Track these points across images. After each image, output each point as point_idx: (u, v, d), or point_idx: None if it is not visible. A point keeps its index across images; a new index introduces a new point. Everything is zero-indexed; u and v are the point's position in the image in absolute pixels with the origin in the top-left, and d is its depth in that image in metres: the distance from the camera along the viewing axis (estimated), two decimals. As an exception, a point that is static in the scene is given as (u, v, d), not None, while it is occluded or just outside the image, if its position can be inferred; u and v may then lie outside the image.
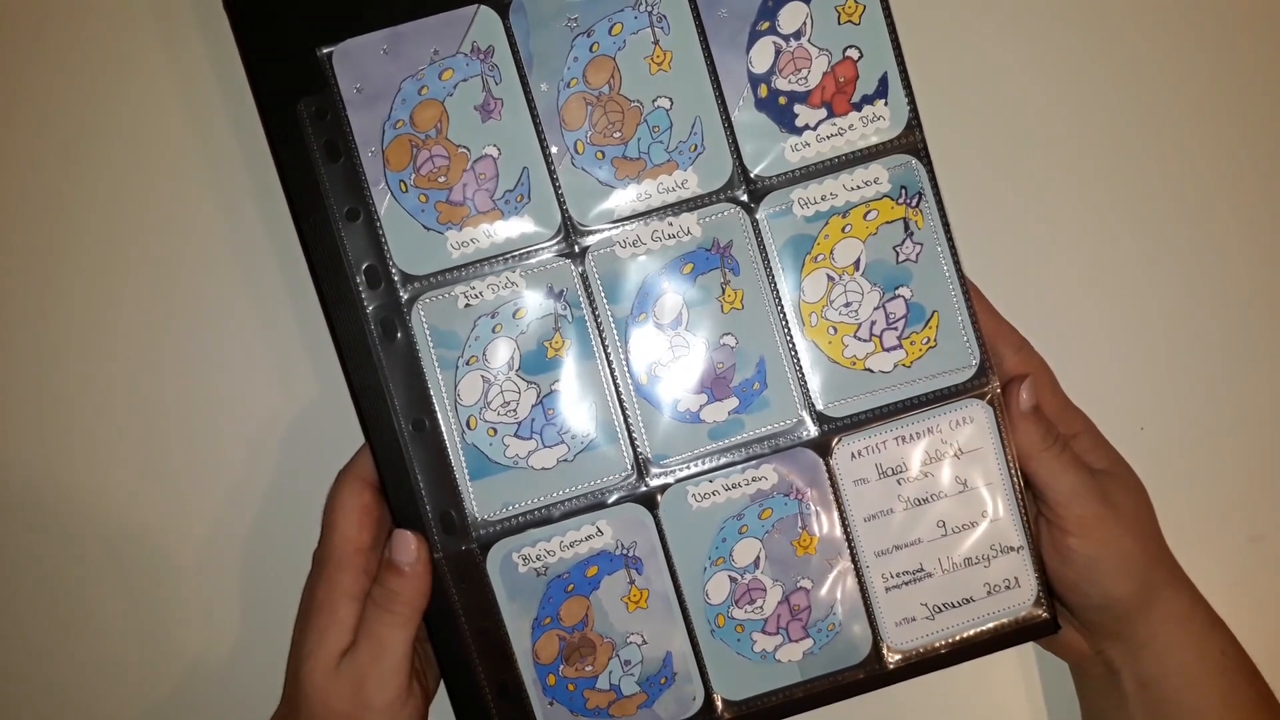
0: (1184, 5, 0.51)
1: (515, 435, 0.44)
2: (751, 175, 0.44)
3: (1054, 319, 0.51)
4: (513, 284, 0.44)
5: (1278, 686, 0.46)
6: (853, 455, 0.45)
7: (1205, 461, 0.52)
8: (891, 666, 0.45)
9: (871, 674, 0.45)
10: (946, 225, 0.44)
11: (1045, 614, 0.46)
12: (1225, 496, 0.52)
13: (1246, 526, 0.52)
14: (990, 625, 0.45)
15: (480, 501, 0.44)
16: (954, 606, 0.45)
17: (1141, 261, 0.51)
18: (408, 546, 0.42)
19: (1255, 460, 0.52)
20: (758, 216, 0.44)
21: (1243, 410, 0.52)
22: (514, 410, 0.44)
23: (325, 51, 0.43)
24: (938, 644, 0.45)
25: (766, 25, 0.44)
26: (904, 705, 0.49)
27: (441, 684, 0.45)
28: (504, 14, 0.43)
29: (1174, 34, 0.51)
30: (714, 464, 0.44)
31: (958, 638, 0.45)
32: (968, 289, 0.44)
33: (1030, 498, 0.46)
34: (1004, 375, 0.45)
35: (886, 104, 0.44)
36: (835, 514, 0.45)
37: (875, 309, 0.45)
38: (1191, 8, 0.51)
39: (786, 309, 0.44)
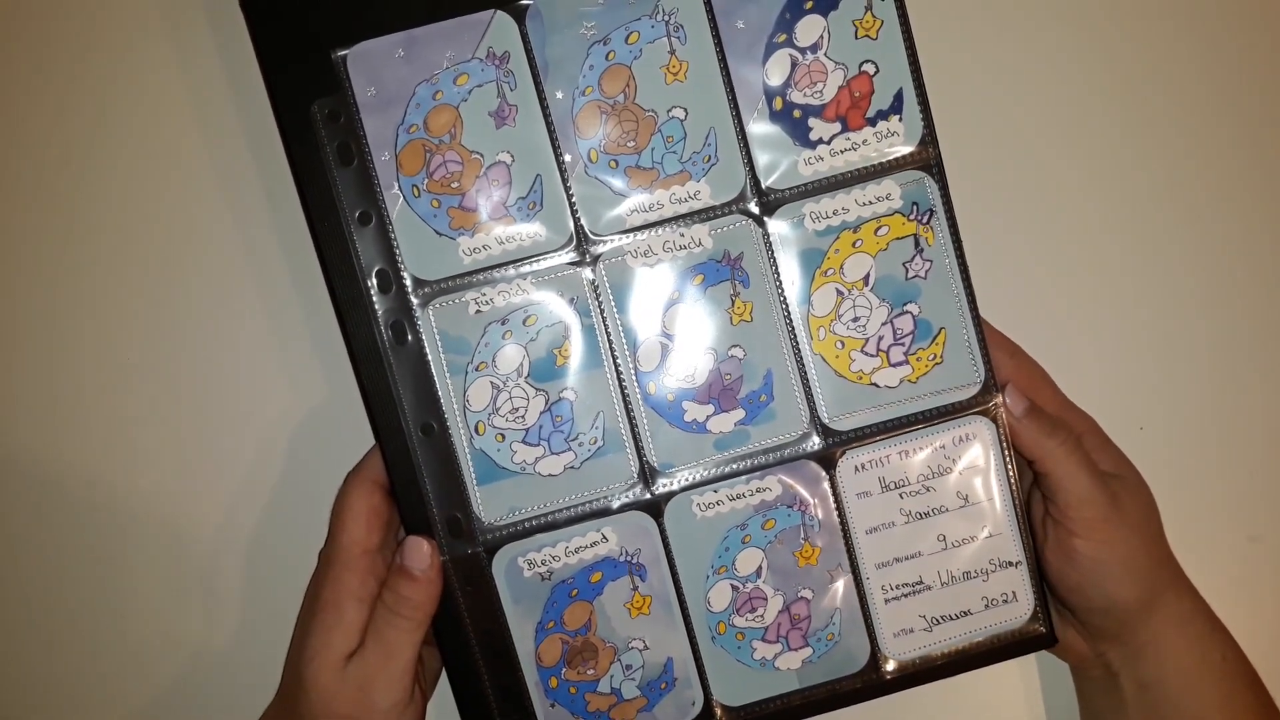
0: (1195, 28, 0.51)
1: (523, 441, 0.44)
2: (764, 188, 0.44)
3: (1054, 319, 0.51)
4: (523, 291, 0.44)
5: (1276, 685, 0.47)
6: (856, 468, 0.45)
7: (1204, 461, 0.53)
8: (888, 676, 0.46)
9: (868, 683, 0.46)
10: (958, 242, 0.44)
11: (1042, 628, 0.46)
12: (1224, 496, 0.53)
13: (1245, 526, 0.53)
14: (987, 638, 0.46)
15: (487, 506, 0.44)
16: (952, 619, 0.46)
17: (1142, 263, 0.52)
18: (421, 553, 0.42)
19: (1254, 460, 0.53)
20: (769, 229, 0.44)
21: (1242, 410, 0.52)
22: (522, 416, 0.44)
23: (340, 54, 0.43)
24: (934, 655, 0.46)
25: (783, 38, 0.44)
26: (904, 704, 0.49)
27: (444, 685, 0.46)
28: (520, 20, 0.43)
29: (1177, 52, 0.51)
30: (719, 474, 0.45)
31: (954, 649, 0.46)
32: (976, 306, 0.45)
33: (1038, 498, 0.46)
34: (1000, 383, 0.45)
35: (901, 120, 0.44)
36: (837, 526, 0.45)
37: (883, 324, 0.45)
38: (1202, 29, 0.51)
39: (795, 322, 0.45)
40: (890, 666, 0.46)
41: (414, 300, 0.43)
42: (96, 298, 0.48)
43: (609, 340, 0.44)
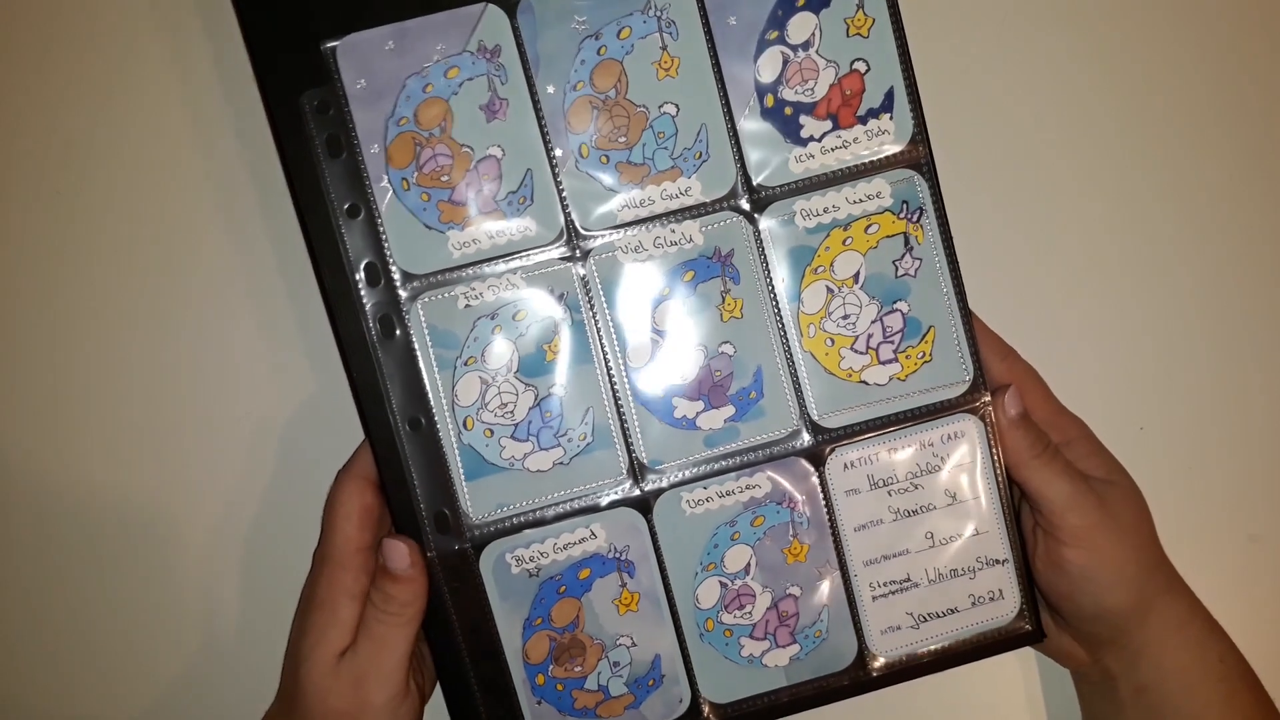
0: (1193, 24, 0.51)
1: (512, 437, 0.44)
2: (755, 184, 0.44)
3: (1053, 318, 0.51)
4: (513, 286, 0.44)
5: (1275, 686, 0.47)
6: (845, 466, 0.45)
7: (1204, 461, 0.53)
8: (875, 673, 0.46)
9: (855, 680, 0.46)
10: (948, 241, 0.45)
11: (1028, 626, 0.46)
12: (1223, 496, 0.53)
13: (1244, 526, 0.53)
14: (973, 635, 0.46)
15: (475, 502, 0.44)
16: (938, 616, 0.46)
17: (1141, 262, 0.52)
18: (399, 554, 0.42)
19: (1253, 460, 0.53)
20: (760, 226, 0.44)
21: (1241, 410, 0.53)
22: (511, 412, 0.44)
23: (330, 45, 0.42)
24: (921, 652, 0.46)
25: (775, 35, 0.44)
26: (906, 705, 0.50)
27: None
28: (512, 13, 0.43)
29: (1172, 52, 0.51)
30: (708, 471, 0.45)
31: (941, 646, 0.46)
32: (965, 305, 0.45)
33: (1027, 509, 0.46)
34: (991, 384, 0.46)
35: (892, 118, 0.44)
36: (826, 523, 0.45)
37: (873, 322, 0.45)
38: (1200, 24, 0.51)
39: (785, 319, 0.45)
40: (877, 663, 0.46)
41: (402, 294, 0.43)
42: (85, 291, 0.47)
43: (599, 336, 0.44)
